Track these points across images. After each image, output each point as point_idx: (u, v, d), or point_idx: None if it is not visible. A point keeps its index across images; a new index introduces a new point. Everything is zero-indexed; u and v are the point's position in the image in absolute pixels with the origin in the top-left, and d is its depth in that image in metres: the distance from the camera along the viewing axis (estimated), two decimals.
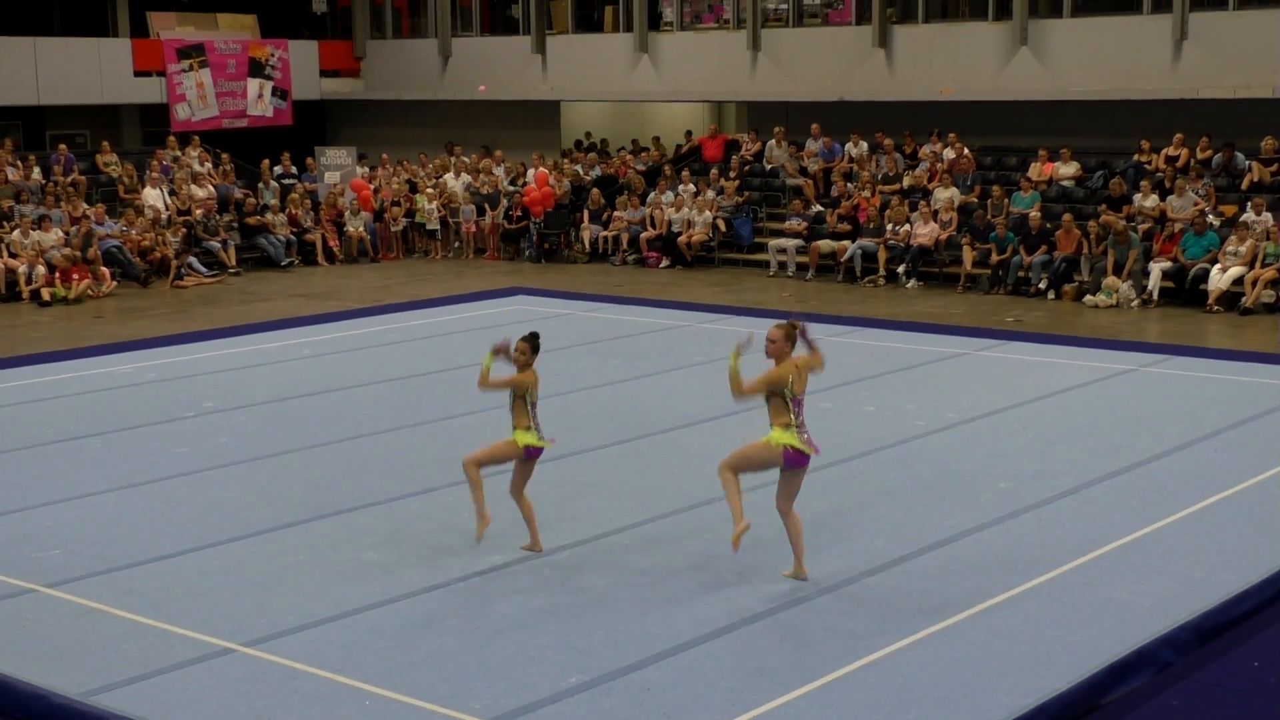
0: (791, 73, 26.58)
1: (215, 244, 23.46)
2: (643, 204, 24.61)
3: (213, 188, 25.04)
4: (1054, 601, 8.11)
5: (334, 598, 8.30)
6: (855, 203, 22.81)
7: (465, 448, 8.66)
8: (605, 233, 24.64)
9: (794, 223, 23.01)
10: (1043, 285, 19.96)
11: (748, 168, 25.46)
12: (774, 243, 22.98)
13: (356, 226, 25.17)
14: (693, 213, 23.72)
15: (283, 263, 24.12)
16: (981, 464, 11.11)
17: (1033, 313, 18.84)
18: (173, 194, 24.43)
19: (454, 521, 9.51)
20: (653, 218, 24.22)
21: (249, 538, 9.48)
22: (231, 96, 28.00)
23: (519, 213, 25.18)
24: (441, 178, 26.52)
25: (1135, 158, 21.93)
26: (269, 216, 24.63)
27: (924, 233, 21.50)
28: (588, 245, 24.71)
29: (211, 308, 20.10)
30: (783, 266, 22.65)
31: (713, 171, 25.11)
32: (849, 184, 23.43)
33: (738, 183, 24.82)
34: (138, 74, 28.58)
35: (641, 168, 26.27)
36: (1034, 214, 20.74)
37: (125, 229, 22.79)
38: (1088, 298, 19.38)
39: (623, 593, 8.35)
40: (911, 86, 25.06)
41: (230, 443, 12.07)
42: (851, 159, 24.43)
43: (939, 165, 23.22)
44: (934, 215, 21.76)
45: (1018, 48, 24.02)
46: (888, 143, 24.12)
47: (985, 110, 24.43)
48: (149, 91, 28.57)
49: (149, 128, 30.14)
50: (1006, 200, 21.74)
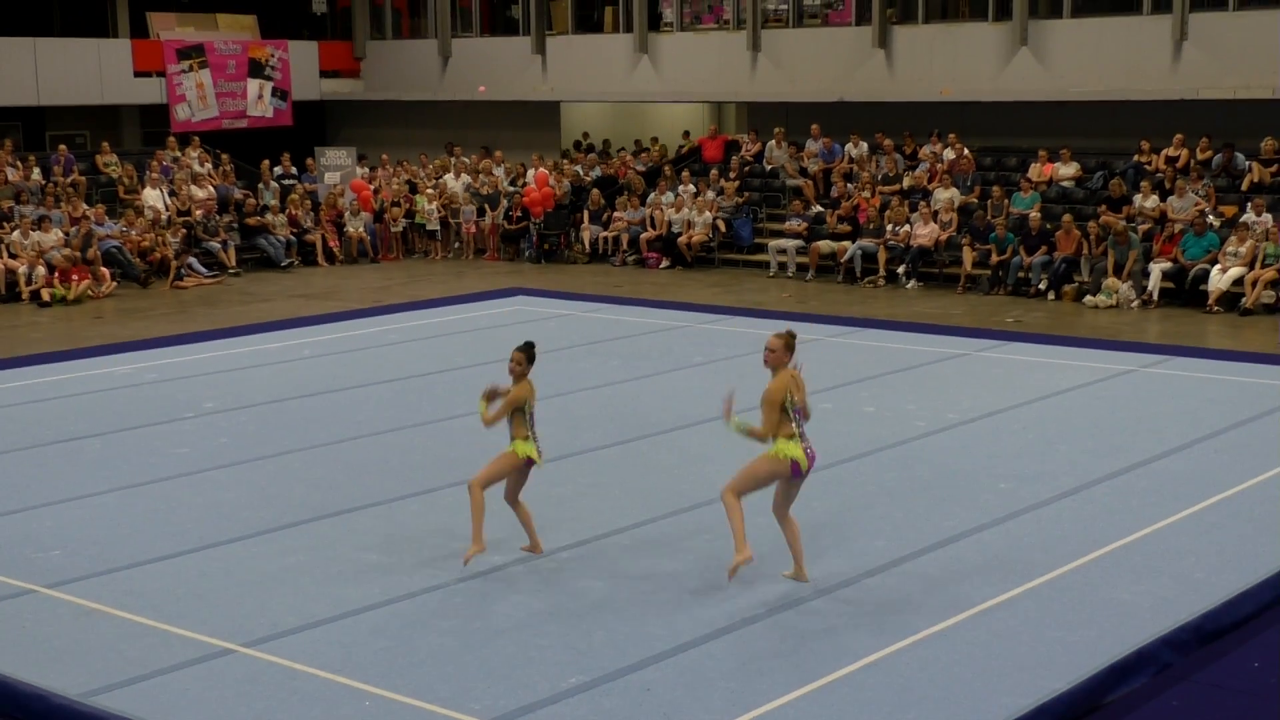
0: (791, 73, 26.59)
1: (215, 244, 23.46)
2: (643, 204, 24.61)
3: (212, 188, 25.03)
4: (1054, 602, 8.11)
5: (334, 598, 8.30)
6: (855, 203, 22.81)
7: (465, 448, 8.66)
8: (605, 233, 24.64)
9: (794, 223, 23.01)
10: (1043, 286, 19.95)
11: (748, 168, 25.46)
12: (774, 243, 22.98)
13: (356, 227, 25.17)
14: (693, 213, 23.72)
15: (283, 263, 24.12)
16: (981, 465, 11.11)
17: (1033, 313, 18.84)
18: (173, 194, 24.43)
19: (454, 522, 9.50)
20: (653, 218, 24.21)
21: (249, 538, 9.48)
22: (231, 97, 28.01)
23: (519, 213, 25.18)
24: (441, 178, 26.52)
25: (1135, 158, 21.93)
26: (269, 217, 24.63)
27: (924, 233, 21.50)
28: (588, 246, 24.71)
29: (211, 308, 20.10)
30: (783, 267, 22.65)
31: (713, 172, 25.11)
32: (849, 185, 23.43)
33: (738, 183, 24.82)
34: (138, 74, 28.59)
35: (641, 168, 26.27)
36: (1034, 214, 20.75)
37: (125, 229, 22.79)
38: (1088, 298, 19.38)
39: (622, 593, 8.35)
40: (911, 87, 25.06)
41: (230, 443, 12.07)
42: (851, 159, 24.43)
43: (939, 166, 23.21)
44: (934, 216, 21.75)
45: (1018, 48, 24.03)
46: (888, 143, 24.12)
47: (985, 111, 24.44)
48: (149, 92, 28.59)
49: (149, 128, 30.15)
50: (1006, 201, 21.73)
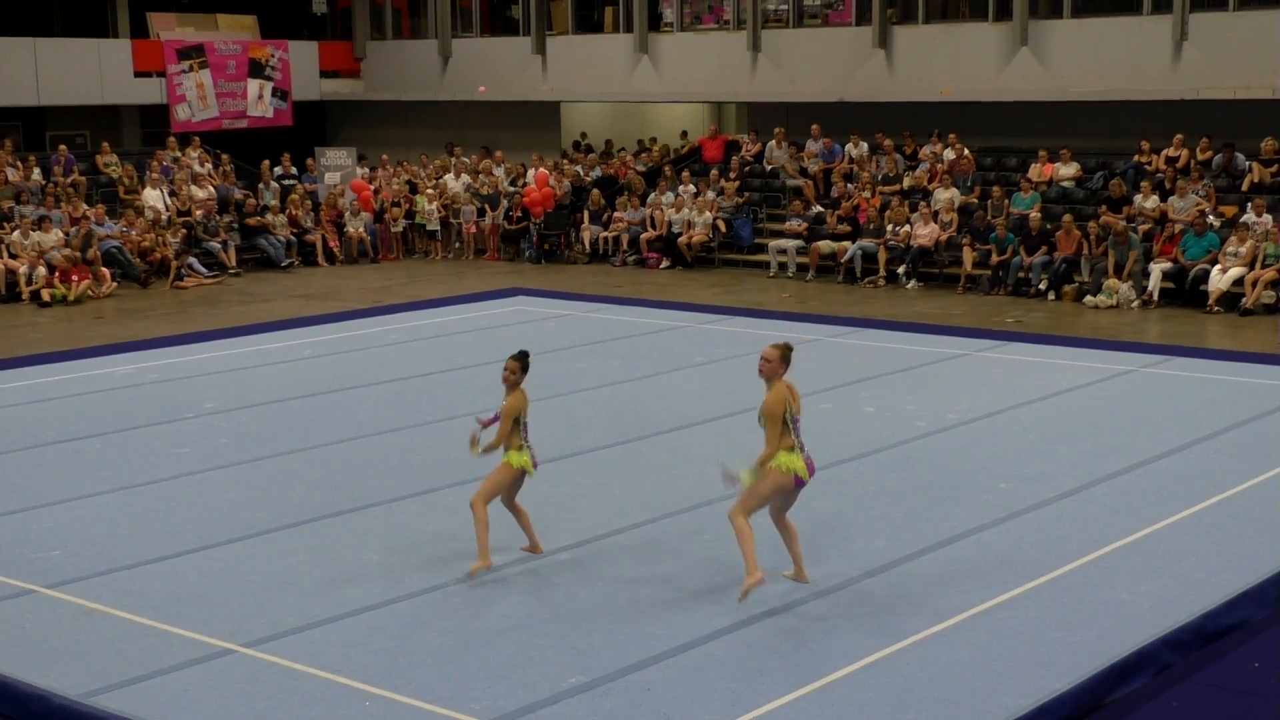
0: (791, 73, 26.58)
1: (215, 245, 23.46)
2: (643, 205, 24.61)
3: (213, 188, 25.03)
4: (1054, 602, 8.11)
5: (334, 598, 8.31)
6: (855, 203, 22.81)
7: (465, 448, 8.63)
8: (605, 233, 24.64)
9: (794, 223, 23.00)
10: (1043, 286, 19.95)
11: (748, 168, 25.46)
12: (774, 243, 22.98)
13: (356, 227, 25.17)
14: (693, 213, 23.72)
15: (283, 263, 24.11)
16: (982, 465, 11.11)
17: (1033, 313, 18.84)
18: (173, 195, 24.42)
19: (454, 522, 9.50)
20: (653, 218, 24.21)
21: (249, 538, 9.48)
22: (231, 97, 28.01)
23: (519, 213, 25.18)
24: (441, 178, 26.53)
25: (1135, 158, 21.92)
26: (269, 217, 24.63)
27: (924, 233, 21.50)
28: (588, 246, 24.71)
29: (211, 308, 20.10)
30: (783, 267, 22.65)
31: (713, 172, 25.11)
32: (849, 185, 23.43)
33: (738, 183, 24.82)
34: (138, 75, 28.59)
35: (641, 168, 26.27)
36: (1034, 215, 20.74)
37: (125, 230, 22.79)
38: (1088, 298, 19.37)
39: (622, 594, 8.35)
40: (911, 87, 25.06)
41: (230, 444, 12.07)
42: (851, 160, 24.43)
43: (939, 166, 23.21)
44: (934, 216, 21.75)
45: (1018, 48, 24.02)
46: (888, 143, 24.12)
47: (985, 111, 24.43)
48: (149, 92, 28.58)
49: (149, 128, 30.14)
50: (1007, 201, 21.73)
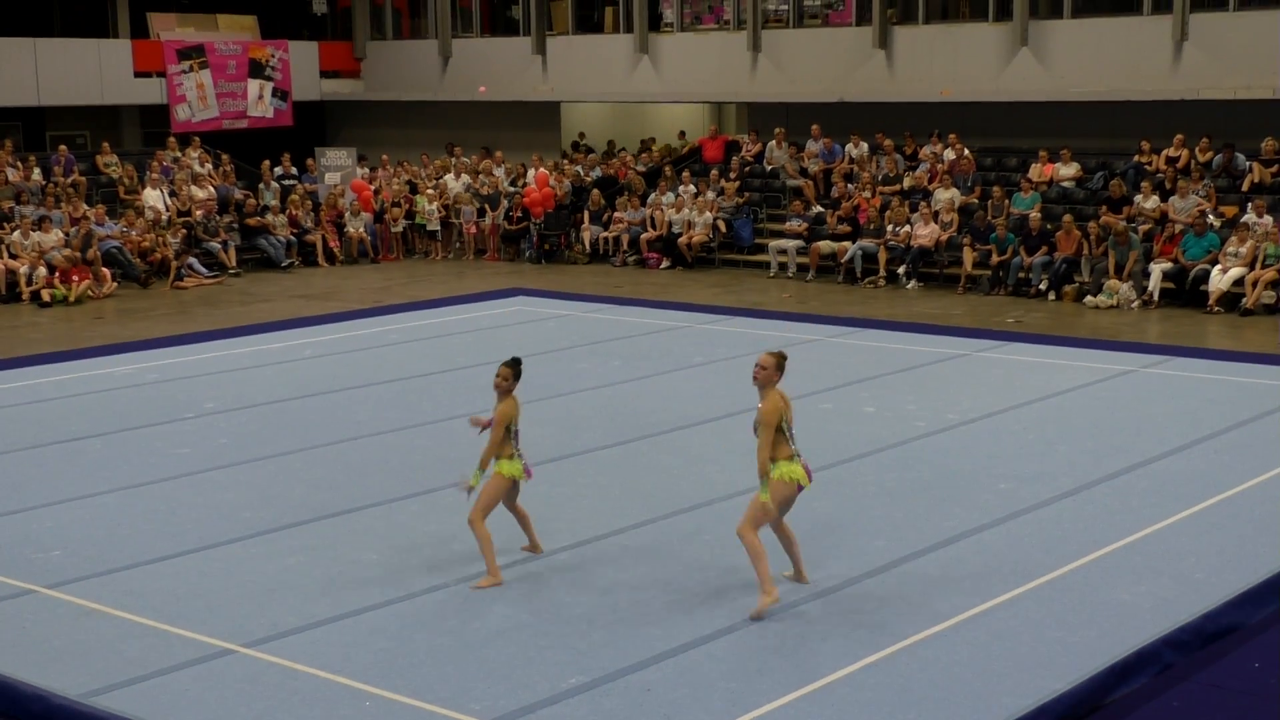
0: (792, 74, 26.58)
1: (215, 245, 23.46)
2: (643, 205, 24.61)
3: (213, 189, 25.03)
4: (1054, 602, 8.11)
5: (334, 599, 8.31)
6: (855, 204, 22.80)
7: (466, 448, 8.64)
8: (605, 233, 24.63)
9: (794, 224, 23.00)
10: (1043, 286, 19.95)
11: (748, 169, 25.46)
12: (774, 244, 22.97)
13: (357, 227, 25.17)
14: (693, 214, 23.72)
15: (283, 264, 24.11)
16: (982, 465, 11.10)
17: (1033, 314, 18.83)
18: (173, 195, 24.43)
19: (454, 523, 9.49)
20: (653, 219, 24.21)
21: (249, 539, 9.48)
22: (232, 97, 28.01)
23: (519, 214, 25.18)
24: (442, 178, 26.53)
25: (1135, 159, 21.91)
26: (269, 217, 24.63)
27: (924, 234, 21.49)
28: (588, 246, 24.71)
29: (212, 309, 20.10)
30: (783, 267, 22.65)
31: (713, 172, 25.10)
32: (849, 185, 23.42)
33: (738, 184, 24.82)
34: (138, 75, 28.59)
35: (642, 169, 26.27)
36: (1034, 215, 20.73)
37: (125, 230, 22.80)
38: (1088, 299, 19.37)
39: (623, 594, 8.34)
40: (912, 87, 25.06)
41: (231, 444, 12.07)
42: (852, 160, 24.42)
43: (939, 166, 23.20)
44: (934, 216, 21.75)
45: (1018, 48, 24.02)
46: (888, 144, 24.11)
47: (985, 111, 24.43)
48: (149, 92, 28.58)
49: (149, 129, 30.14)
50: (1007, 201, 21.72)
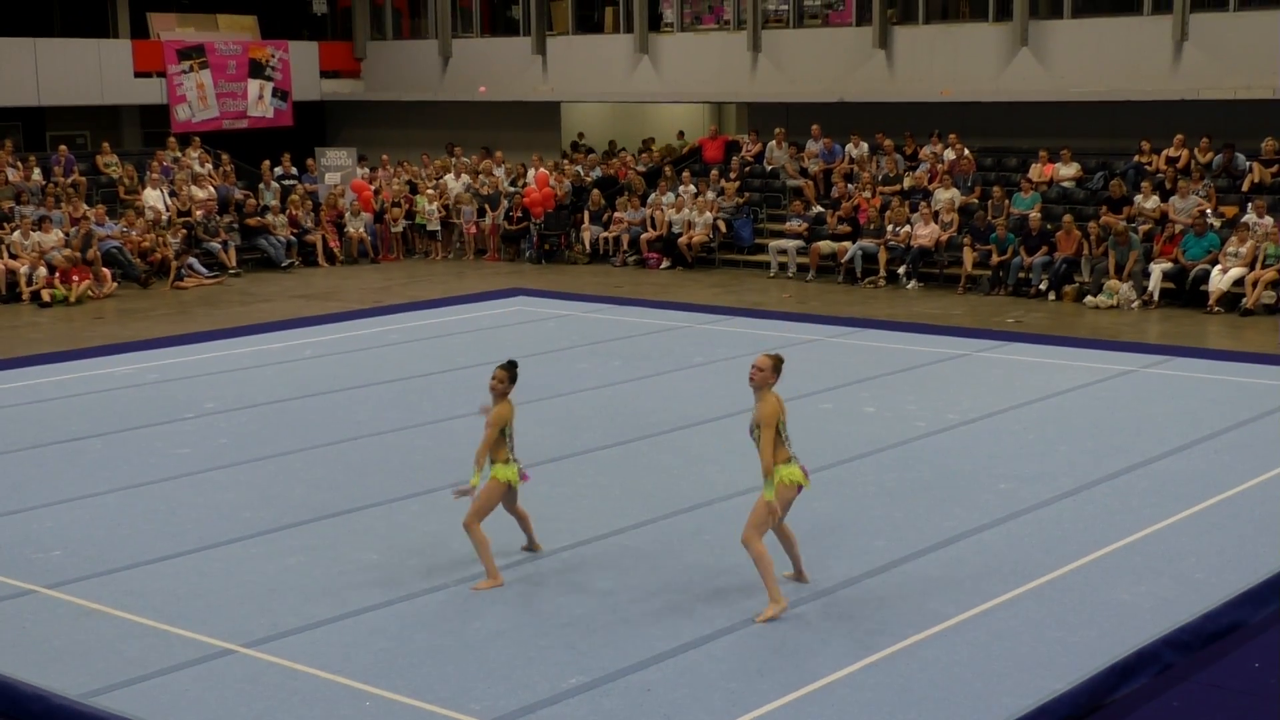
0: (792, 74, 26.58)
1: (215, 245, 23.45)
2: (643, 205, 24.61)
3: (213, 189, 25.03)
4: (1054, 603, 8.11)
5: (334, 599, 8.31)
6: (855, 204, 22.80)
7: (466, 448, 8.62)
8: (606, 234, 24.63)
9: (794, 224, 23.00)
10: (1043, 286, 19.94)
11: (748, 169, 25.46)
12: (774, 244, 22.97)
13: (357, 227, 25.17)
14: (693, 214, 23.72)
15: (283, 264, 24.11)
16: (982, 465, 11.10)
17: (1033, 314, 18.83)
18: (173, 195, 24.43)
19: (454, 523, 9.48)
20: (653, 219, 24.21)
21: (249, 539, 9.48)
22: (232, 97, 28.02)
23: (519, 214, 25.18)
24: (442, 178, 26.52)
25: (1135, 159, 21.92)
26: (269, 217, 24.63)
27: (924, 234, 21.49)
28: (588, 246, 24.71)
29: (212, 309, 20.10)
30: (783, 267, 22.64)
31: (713, 172, 25.10)
32: (849, 185, 23.42)
33: (738, 184, 24.82)
34: (138, 75, 28.58)
35: (642, 169, 26.27)
36: (1034, 215, 20.73)
37: (125, 230, 22.80)
38: (1088, 299, 19.37)
39: (623, 594, 8.34)
40: (912, 87, 25.06)
41: (231, 444, 12.07)
42: (852, 160, 24.42)
43: (939, 166, 23.20)
44: (934, 216, 21.75)
45: (1018, 48, 24.02)
46: (888, 144, 24.11)
47: (985, 111, 24.43)
48: (149, 92, 28.58)
49: (149, 129, 30.14)
50: (1007, 201, 21.72)
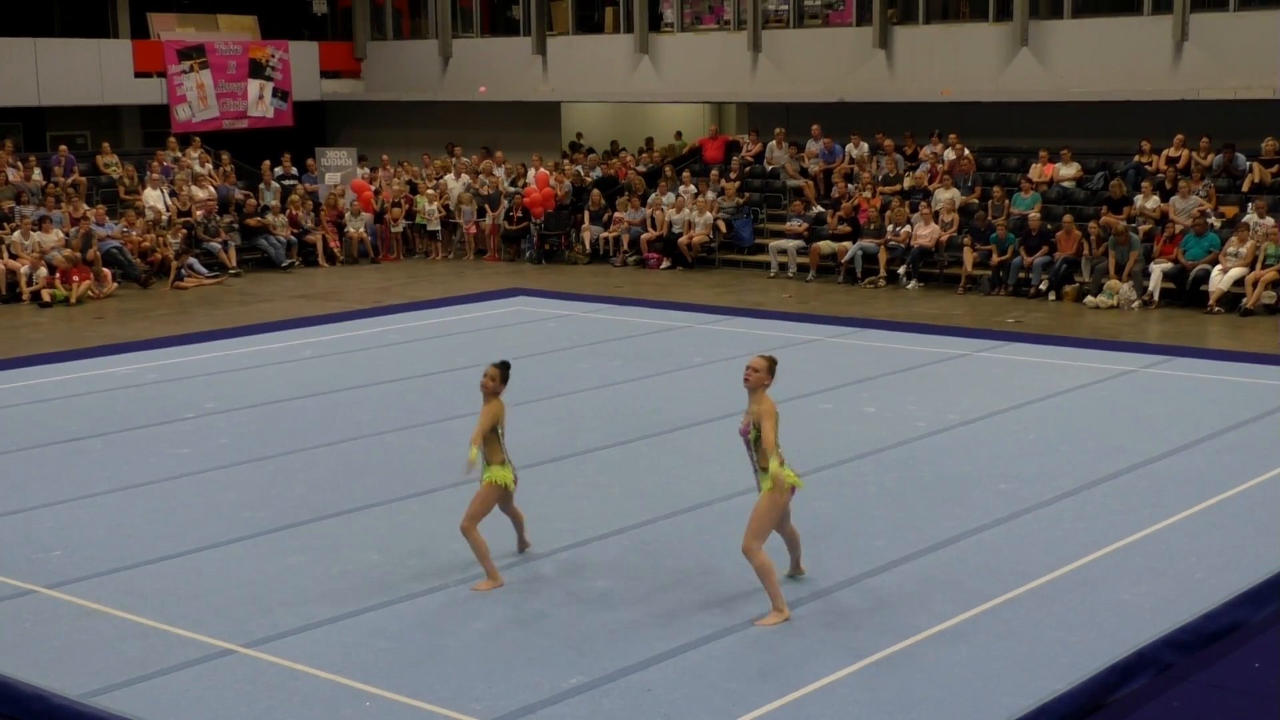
0: (792, 74, 26.58)
1: (216, 245, 23.45)
2: (643, 205, 24.61)
3: (213, 189, 25.03)
4: (1054, 603, 8.10)
5: (334, 599, 8.31)
6: (856, 204, 22.80)
7: (466, 448, 8.59)
8: (606, 234, 24.63)
9: (794, 224, 23.00)
10: (1043, 286, 19.94)
11: (748, 169, 25.46)
12: (774, 244, 22.97)
13: (357, 227, 25.17)
14: (693, 214, 23.71)
15: (283, 264, 24.11)
16: (982, 465, 11.10)
17: (1033, 314, 18.83)
18: (173, 195, 24.42)
19: (454, 523, 9.48)
20: (653, 219, 24.21)
21: (249, 539, 9.48)
22: (232, 97, 28.02)
23: (519, 214, 25.18)
24: (442, 179, 26.52)
25: (1136, 159, 21.92)
26: (269, 217, 24.63)
27: (925, 234, 21.49)
28: (588, 246, 24.71)
29: (212, 309, 20.10)
30: (783, 267, 22.64)
31: (713, 172, 25.10)
32: (849, 185, 23.42)
33: (738, 184, 24.81)
34: (138, 75, 28.57)
35: (642, 169, 26.27)
36: (1033, 215, 20.72)
37: (125, 230, 22.80)
38: (1088, 299, 19.37)
39: (623, 594, 8.34)
40: (912, 87, 25.05)
41: (231, 444, 12.07)
42: (852, 160, 24.42)
43: (939, 166, 23.20)
44: (935, 216, 21.75)
45: (1018, 49, 24.02)
46: (888, 144, 24.11)
47: (986, 111, 24.43)
48: (149, 92, 28.57)
49: (149, 129, 30.14)
50: (1007, 201, 21.72)
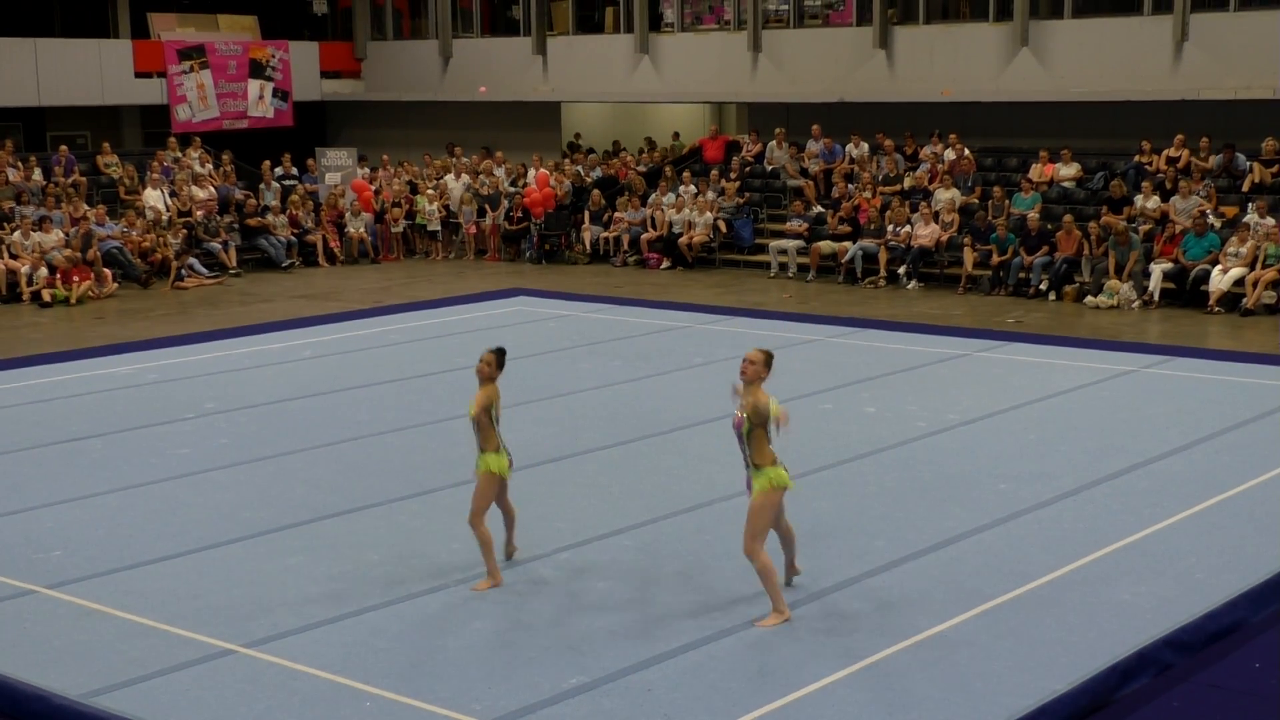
0: (792, 74, 26.58)
1: (216, 245, 23.45)
2: (643, 205, 24.61)
3: (213, 189, 25.03)
4: (1054, 603, 8.10)
5: (334, 599, 8.31)
6: (856, 204, 22.80)
7: (466, 448, 8.62)
8: (606, 234, 24.64)
9: (795, 224, 23.00)
10: (1043, 286, 19.94)
11: (748, 169, 25.46)
12: (775, 244, 22.97)
13: (357, 228, 25.17)
14: (693, 214, 23.71)
15: (283, 264, 24.11)
16: (982, 465, 11.10)
17: (1033, 314, 18.83)
18: (173, 195, 24.43)
19: (454, 523, 9.49)
20: (653, 219, 24.21)
21: (249, 539, 9.48)
22: (232, 98, 28.02)
23: (520, 214, 25.18)
24: (442, 179, 26.53)
25: (1136, 159, 21.92)
26: (270, 218, 24.62)
27: (925, 234, 21.49)
28: (588, 246, 24.71)
29: (212, 309, 20.10)
30: (783, 268, 22.64)
31: (713, 173, 25.10)
32: (850, 185, 23.42)
33: (738, 184, 24.81)
34: (138, 75, 28.57)
35: (642, 169, 26.27)
36: (1032, 215, 20.71)
37: (126, 230, 22.80)
38: (1088, 299, 19.37)
39: (623, 593, 8.34)
40: (912, 87, 25.05)
41: (231, 444, 12.07)
42: (852, 160, 24.42)
43: (940, 166, 23.20)
44: (935, 216, 21.75)
45: (1018, 49, 24.02)
46: (888, 144, 24.11)
47: (986, 111, 24.43)
48: (150, 93, 28.57)
49: (149, 129, 30.14)
50: (1007, 201, 21.71)
